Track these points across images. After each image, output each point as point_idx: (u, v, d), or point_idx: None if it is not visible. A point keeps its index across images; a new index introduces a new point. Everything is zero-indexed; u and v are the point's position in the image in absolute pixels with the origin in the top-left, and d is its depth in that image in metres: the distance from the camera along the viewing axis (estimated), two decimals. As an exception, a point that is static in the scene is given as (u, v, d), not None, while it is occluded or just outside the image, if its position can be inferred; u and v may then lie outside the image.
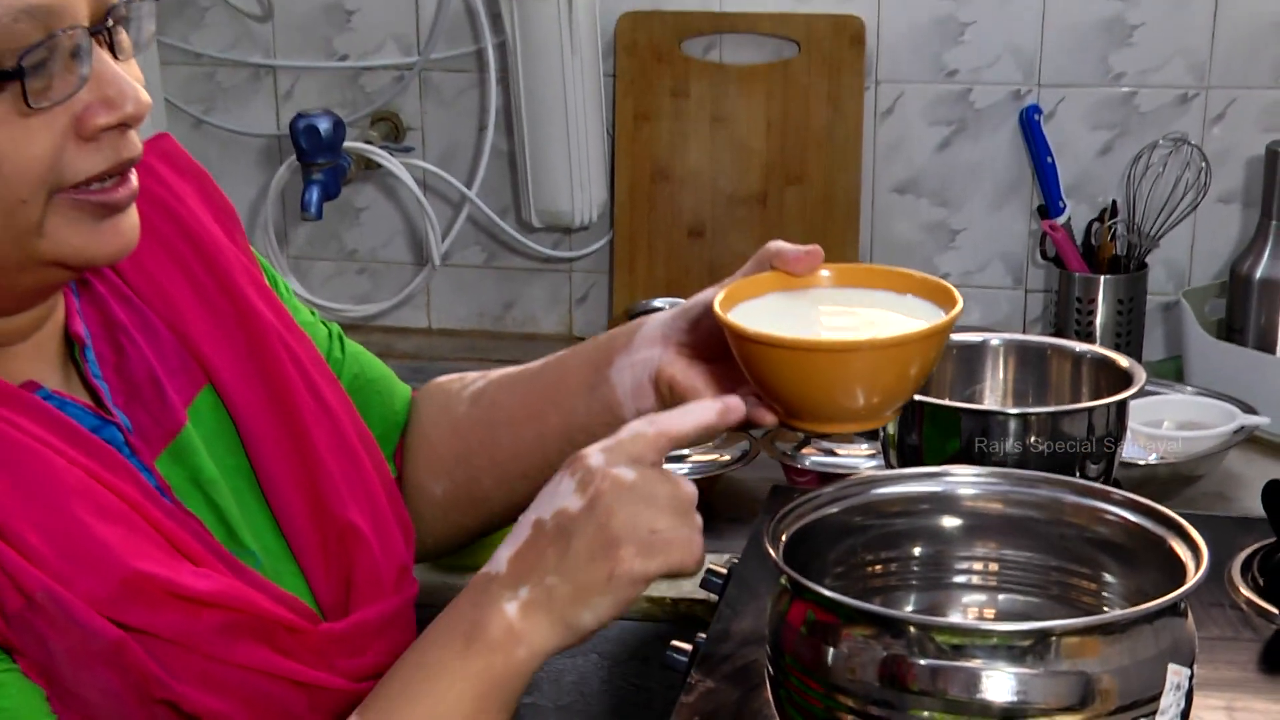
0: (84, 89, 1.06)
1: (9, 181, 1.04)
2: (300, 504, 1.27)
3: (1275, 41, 2.37)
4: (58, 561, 1.05)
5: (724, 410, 1.18)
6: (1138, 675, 1.12)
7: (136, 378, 1.22)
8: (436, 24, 2.60)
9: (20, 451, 1.07)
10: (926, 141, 2.51)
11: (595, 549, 1.10)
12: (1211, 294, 2.39)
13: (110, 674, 1.06)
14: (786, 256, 1.30)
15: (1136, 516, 1.26)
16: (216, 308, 1.28)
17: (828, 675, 1.15)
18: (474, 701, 1.10)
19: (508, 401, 1.44)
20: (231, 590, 1.13)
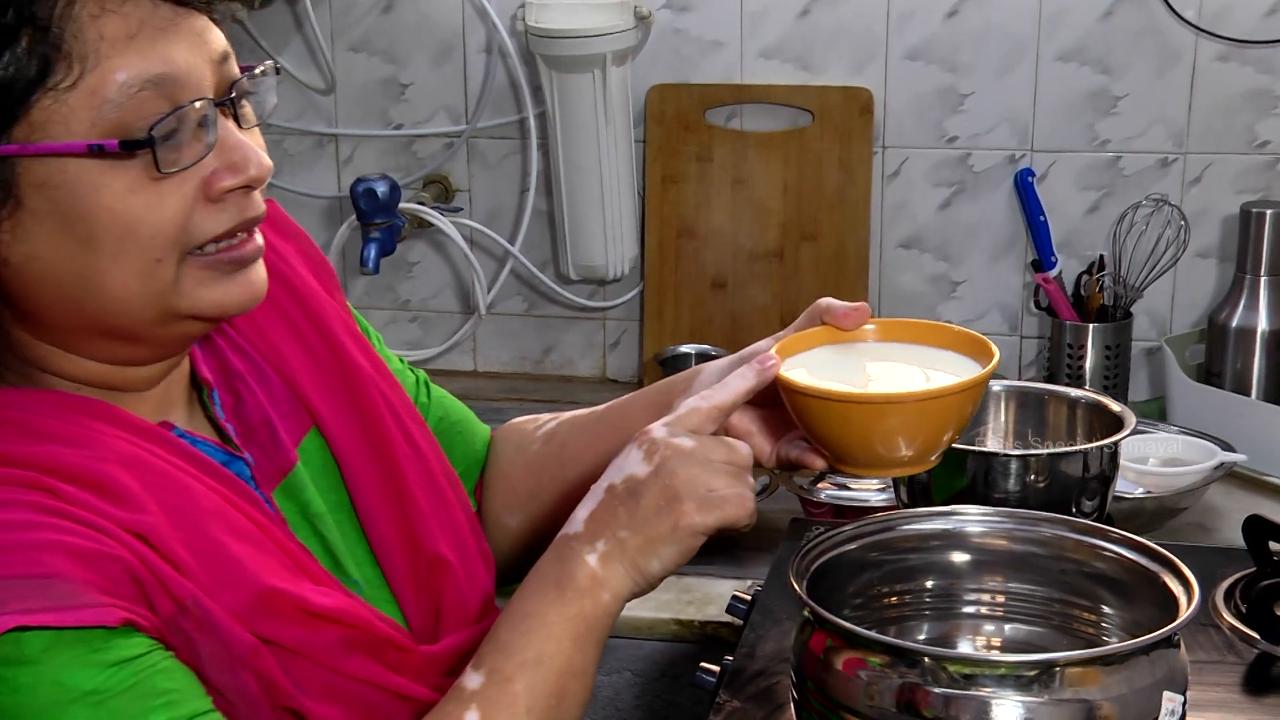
0: (210, 155, 1.07)
1: (144, 243, 1.05)
2: (395, 537, 1.28)
3: (1246, 111, 2.36)
4: (202, 575, 1.06)
5: (761, 371, 1.21)
6: (1135, 703, 1.12)
7: (253, 420, 1.24)
8: (483, 96, 2.60)
9: (165, 478, 1.09)
10: (929, 201, 2.50)
11: (661, 506, 1.14)
12: (1191, 341, 2.38)
13: (246, 679, 1.07)
14: (836, 312, 1.30)
15: (1132, 553, 1.25)
16: (319, 357, 1.30)
17: (848, 701, 1.14)
18: (572, 641, 1.13)
19: (577, 441, 1.44)
20: (350, 608, 1.16)
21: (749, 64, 2.50)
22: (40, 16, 1.00)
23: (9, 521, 0.99)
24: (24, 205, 1.03)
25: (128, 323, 1.09)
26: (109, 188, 1.03)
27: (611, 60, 2.44)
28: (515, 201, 2.64)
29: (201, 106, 1.06)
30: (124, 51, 1.02)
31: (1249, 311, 2.25)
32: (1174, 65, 2.37)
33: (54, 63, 1.00)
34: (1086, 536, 1.28)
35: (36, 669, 0.96)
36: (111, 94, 1.02)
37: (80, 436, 1.08)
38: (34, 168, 1.02)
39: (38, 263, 1.05)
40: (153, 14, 1.04)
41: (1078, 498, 1.72)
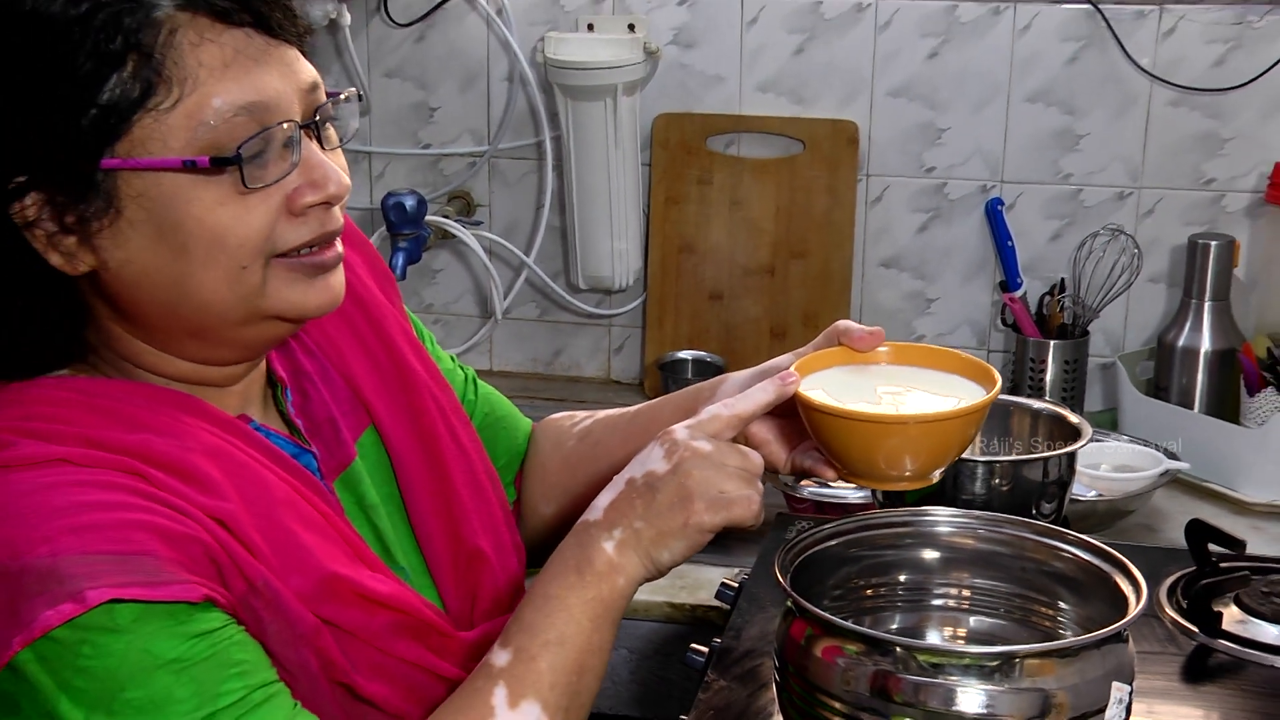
0: (294, 173, 1.08)
1: (231, 251, 1.06)
2: (439, 529, 1.29)
3: (1195, 151, 2.36)
4: (273, 558, 1.07)
5: (781, 386, 1.21)
6: (1087, 692, 1.11)
7: (318, 417, 1.26)
8: (504, 120, 2.60)
9: (244, 469, 1.10)
10: (908, 225, 2.49)
11: (674, 502, 1.15)
12: (1142, 358, 2.37)
13: (308, 655, 1.08)
14: (853, 335, 1.29)
15: (1087, 555, 1.25)
16: (379, 361, 1.31)
17: (825, 685, 1.14)
18: (591, 622, 1.14)
19: (610, 440, 1.45)
20: (402, 595, 1.16)
21: (747, 96, 2.50)
22: (145, 44, 1.01)
23: (105, 502, 1.00)
24: (123, 214, 1.04)
25: (215, 324, 1.10)
26: (200, 200, 1.04)
27: (622, 90, 2.44)
28: (531, 216, 2.64)
29: (288, 128, 1.07)
30: (220, 78, 1.04)
31: (1194, 333, 2.25)
32: (1131, 108, 2.36)
33: (156, 86, 1.02)
34: (1045, 538, 1.28)
35: (127, 638, 0.97)
36: (207, 116, 1.03)
37: (169, 427, 1.09)
38: (133, 180, 1.03)
39: (134, 267, 1.06)
40: (247, 44, 1.05)
41: (1038, 501, 1.71)
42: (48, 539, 0.97)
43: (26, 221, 1.05)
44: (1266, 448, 2.09)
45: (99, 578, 0.96)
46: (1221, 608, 1.56)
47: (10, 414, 1.06)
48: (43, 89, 1.01)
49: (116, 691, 0.96)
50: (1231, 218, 2.36)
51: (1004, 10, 2.37)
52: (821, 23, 2.44)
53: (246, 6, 1.05)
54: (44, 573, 0.96)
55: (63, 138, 1.02)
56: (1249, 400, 2.16)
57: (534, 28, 2.54)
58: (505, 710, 1.09)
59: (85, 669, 0.96)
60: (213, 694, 0.99)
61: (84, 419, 1.06)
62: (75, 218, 1.04)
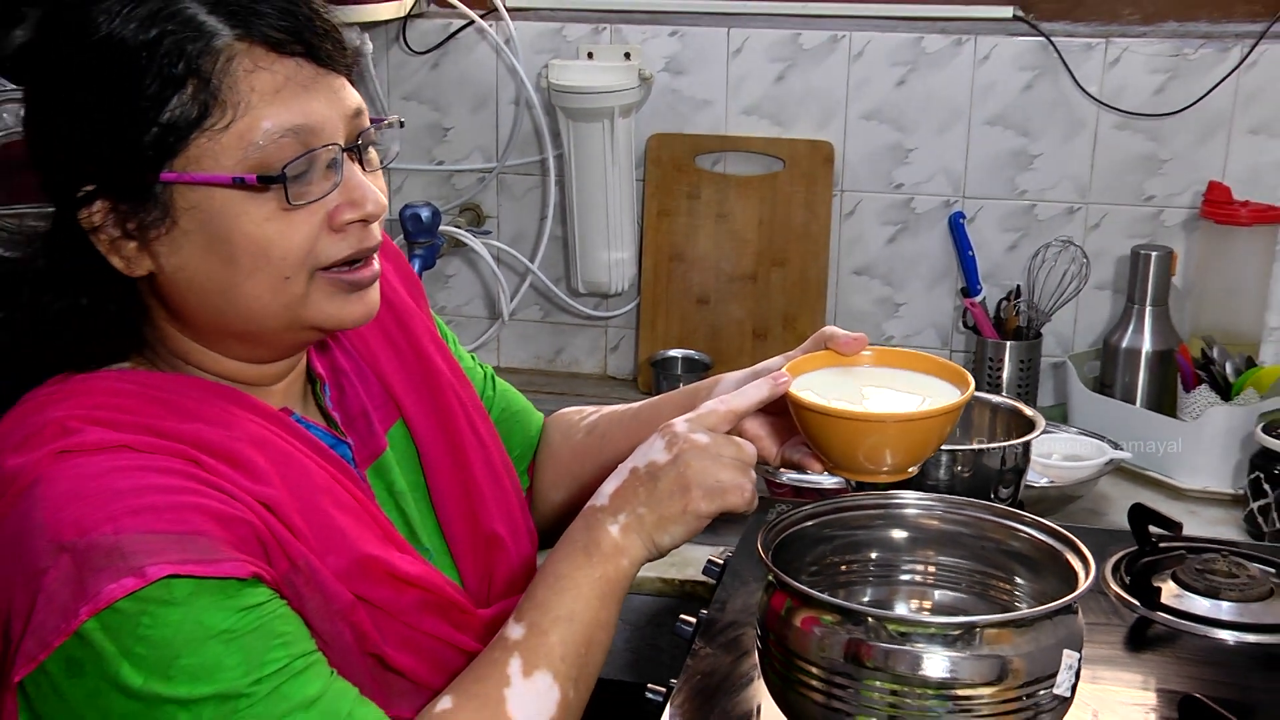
0: (336, 192, 1.07)
1: (275, 263, 1.06)
2: (459, 515, 1.29)
3: (1137, 171, 2.36)
4: (312, 539, 1.07)
5: (774, 386, 1.21)
6: (1041, 659, 1.12)
7: (353, 410, 1.26)
8: (511, 140, 2.60)
9: (287, 457, 1.10)
10: (878, 237, 2.49)
11: (674, 490, 1.14)
12: (1089, 358, 2.37)
13: (343, 628, 1.08)
14: (838, 340, 1.29)
15: (1041, 535, 1.25)
16: (407, 361, 1.31)
17: (803, 652, 1.14)
18: (599, 599, 1.13)
19: (614, 433, 1.44)
20: (428, 575, 1.16)
21: (732, 119, 2.50)
22: (204, 69, 1.02)
23: (163, 485, 1.00)
24: (178, 224, 1.05)
25: (257, 329, 1.10)
26: (248, 215, 1.04)
27: (618, 113, 2.44)
28: (535, 227, 2.63)
29: (331, 150, 1.06)
30: (271, 103, 1.04)
31: (1136, 335, 2.26)
32: (1080, 131, 2.36)
33: (212, 108, 1.02)
34: (1003, 519, 1.28)
35: (183, 610, 0.97)
36: (257, 138, 1.03)
37: (219, 418, 1.09)
38: (187, 194, 1.04)
39: (186, 273, 1.07)
40: (297, 72, 1.05)
41: (996, 486, 1.72)
42: (112, 518, 0.97)
43: (93, 226, 1.06)
44: (1200, 439, 2.09)
45: (158, 554, 0.96)
46: (1160, 583, 1.57)
47: (77, 403, 1.06)
48: (112, 107, 1.02)
49: (172, 659, 0.96)
50: (1169, 231, 2.36)
51: (965, 42, 2.37)
52: (800, 52, 2.44)
53: (299, 38, 1.05)
54: (109, 549, 0.96)
55: (127, 151, 1.02)
56: (1185, 396, 2.17)
57: (539, 56, 2.53)
58: (520, 679, 1.09)
59: (145, 637, 0.96)
60: (259, 662, 0.99)
61: (143, 409, 1.07)
62: (135, 225, 1.05)
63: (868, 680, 1.10)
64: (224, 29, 1.03)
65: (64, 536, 0.96)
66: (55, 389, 1.09)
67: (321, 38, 1.07)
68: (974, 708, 1.09)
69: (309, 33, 1.06)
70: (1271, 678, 1.42)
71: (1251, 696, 1.38)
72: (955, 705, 1.09)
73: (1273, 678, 1.42)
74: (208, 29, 1.02)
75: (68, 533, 0.97)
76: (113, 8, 1.02)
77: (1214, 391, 2.13)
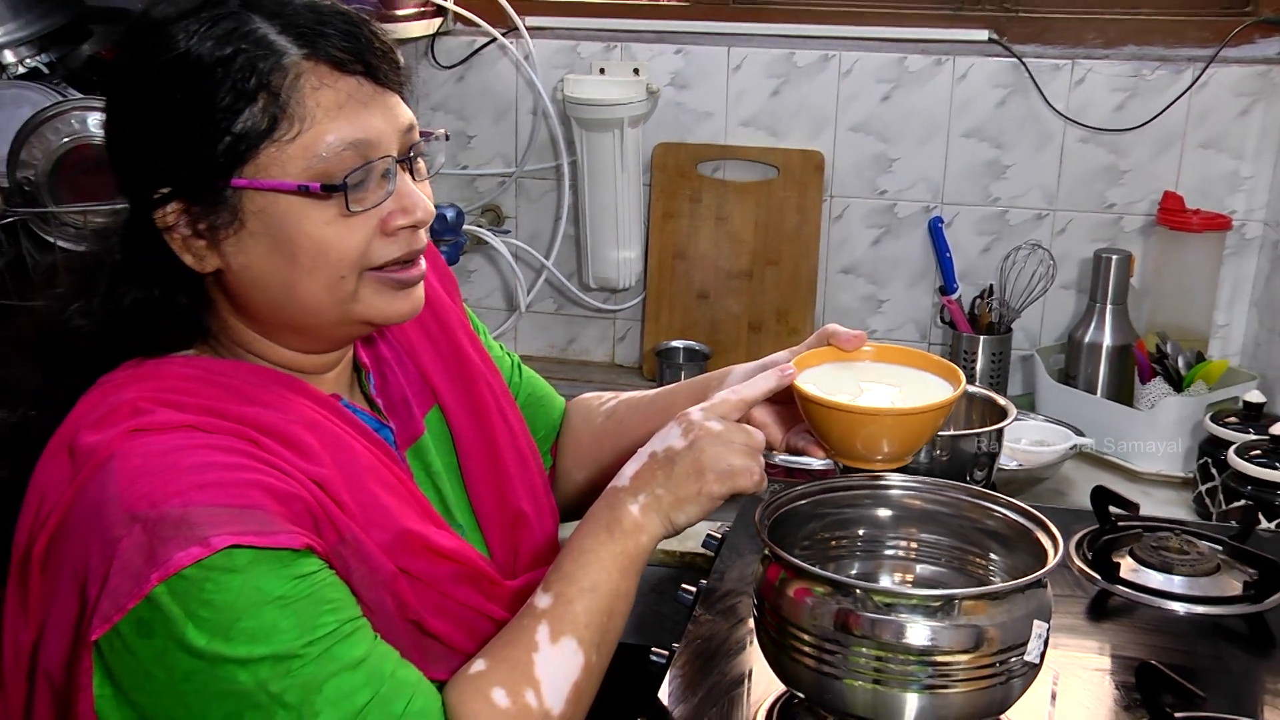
0: (389, 199, 1.08)
1: (333, 263, 1.06)
2: (489, 494, 1.29)
3: (1099, 181, 2.36)
4: (358, 515, 1.07)
5: (781, 377, 1.22)
6: (1013, 628, 1.11)
7: (394, 397, 1.26)
8: (529, 147, 2.59)
9: (336, 439, 1.11)
10: (864, 239, 2.48)
11: (690, 473, 1.15)
12: (1055, 351, 2.37)
13: (386, 596, 1.08)
14: (840, 337, 1.29)
15: (1013, 514, 1.24)
16: (443, 351, 1.31)
17: (795, 619, 1.14)
18: (619, 572, 1.14)
19: (632, 419, 1.44)
20: (462, 549, 1.16)
21: (731, 130, 2.49)
22: (274, 85, 1.02)
23: (226, 463, 1.01)
24: (245, 226, 1.05)
25: (313, 322, 1.10)
26: (310, 219, 1.05)
27: (627, 124, 2.44)
28: (550, 227, 2.62)
29: (386, 162, 1.07)
30: (334, 119, 1.04)
31: (1097, 331, 2.26)
32: (1048, 144, 2.36)
33: (280, 121, 1.03)
34: (979, 500, 1.27)
35: (243, 577, 0.97)
36: (320, 149, 1.03)
37: (276, 402, 1.09)
38: (255, 198, 1.04)
39: (251, 270, 1.07)
40: (358, 90, 1.06)
41: (971, 469, 1.71)
42: (180, 492, 0.97)
43: (166, 226, 1.06)
44: (1155, 426, 2.09)
45: (222, 526, 0.96)
46: (1119, 559, 1.57)
47: (148, 386, 1.06)
48: (188, 117, 1.02)
49: (233, 621, 0.96)
50: (1129, 236, 2.36)
51: (945, 62, 2.36)
52: (794, 70, 2.43)
53: (360, 58, 1.06)
54: (177, 521, 0.96)
55: (201, 158, 1.03)
56: (1141, 387, 2.17)
57: (555, 71, 2.53)
58: (547, 645, 1.09)
59: (209, 602, 0.96)
60: (311, 625, 0.99)
61: (207, 392, 1.07)
62: (206, 225, 1.05)
63: (855, 647, 1.10)
64: (292, 48, 1.03)
65: (137, 508, 0.97)
66: (129, 373, 1.09)
67: (379, 58, 1.08)
68: (952, 673, 1.09)
69: (369, 54, 1.06)
70: (1218, 645, 1.42)
71: (1200, 662, 1.38)
72: (935, 670, 1.08)
73: (1219, 645, 1.42)
74: (278, 48, 1.03)
75: (140, 505, 0.97)
76: (190, 26, 1.03)
77: (1167, 383, 2.14)
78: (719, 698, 1.30)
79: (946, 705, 1.10)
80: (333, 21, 1.06)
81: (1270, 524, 1.79)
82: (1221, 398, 2.10)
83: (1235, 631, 1.45)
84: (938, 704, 1.10)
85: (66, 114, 2.12)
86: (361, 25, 1.07)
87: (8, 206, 2.12)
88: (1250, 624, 1.47)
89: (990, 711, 1.13)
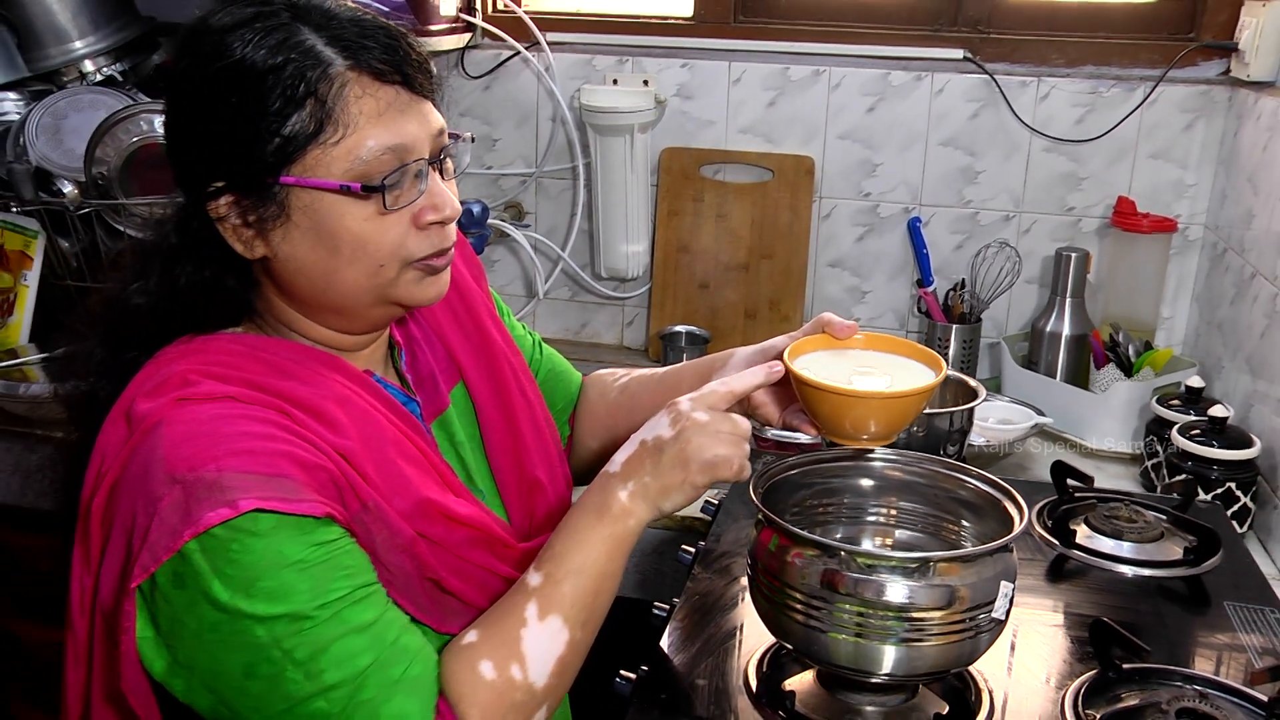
0: (421, 197, 1.07)
1: (372, 255, 1.06)
2: (508, 463, 1.27)
3: (1061, 186, 2.34)
4: (381, 484, 1.06)
5: (769, 373, 1.18)
6: (982, 588, 1.11)
7: (422, 373, 1.24)
8: (548, 150, 2.58)
9: (365, 414, 1.09)
10: (849, 236, 2.47)
11: (676, 462, 1.10)
12: (1020, 339, 2.36)
13: (405, 559, 1.06)
14: (834, 325, 1.27)
15: (984, 485, 1.24)
16: (467, 330, 1.30)
17: (785, 578, 1.14)
18: (607, 554, 1.10)
19: (643, 395, 1.42)
20: (478, 516, 1.14)
21: (731, 136, 2.47)
22: (321, 93, 1.01)
23: (260, 434, 1.00)
24: (291, 219, 1.04)
25: (352, 305, 1.09)
26: (351, 215, 1.04)
27: (637, 130, 2.42)
28: (567, 222, 2.61)
29: (419, 164, 1.06)
30: (374, 125, 1.03)
31: (1058, 321, 2.24)
32: (1015, 152, 2.34)
33: (326, 126, 1.02)
34: (952, 472, 1.27)
35: (266, 540, 0.96)
36: (362, 153, 1.02)
37: (311, 378, 1.08)
38: (301, 195, 1.03)
39: (295, 260, 1.06)
40: (396, 99, 1.04)
41: (945, 444, 1.71)
42: (215, 458, 0.96)
43: (219, 216, 1.05)
44: (1108, 407, 2.08)
45: (250, 491, 0.96)
46: (1075, 526, 1.57)
47: (197, 359, 1.06)
48: (242, 119, 1.01)
49: (255, 579, 0.95)
50: (1086, 236, 2.35)
51: (924, 78, 2.35)
52: (789, 83, 2.41)
53: (398, 69, 1.05)
54: (211, 483, 0.95)
55: (253, 157, 1.02)
56: (1096, 372, 2.16)
57: (572, 81, 2.51)
58: (535, 621, 1.07)
59: (234, 560, 0.95)
60: (325, 589, 0.98)
61: (249, 366, 1.06)
62: (255, 217, 1.05)
63: (839, 604, 1.10)
64: (338, 59, 1.02)
65: (177, 470, 0.96)
66: (182, 347, 1.09)
67: (416, 69, 1.06)
68: (926, 627, 1.09)
69: (406, 65, 1.05)
70: (1161, 604, 1.43)
71: (1145, 619, 1.39)
72: (911, 625, 1.08)
73: (1162, 604, 1.43)
74: (324, 58, 1.02)
75: (180, 467, 0.96)
76: (245, 35, 1.01)
77: (1119, 369, 2.13)
78: (714, 648, 1.30)
79: (921, 657, 1.10)
80: (375, 35, 1.05)
81: (1208, 496, 1.79)
82: (1166, 383, 2.10)
83: (1176, 592, 1.45)
84: (913, 655, 1.10)
85: (136, 116, 2.12)
86: (400, 39, 1.06)
87: (84, 198, 2.12)
88: (1189, 585, 1.47)
89: (960, 662, 1.13)
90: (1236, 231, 2.10)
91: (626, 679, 1.25)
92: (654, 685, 1.24)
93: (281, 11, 1.03)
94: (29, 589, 2.03)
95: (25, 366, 2.17)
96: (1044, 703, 1.22)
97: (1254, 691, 1.21)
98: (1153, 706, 1.17)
